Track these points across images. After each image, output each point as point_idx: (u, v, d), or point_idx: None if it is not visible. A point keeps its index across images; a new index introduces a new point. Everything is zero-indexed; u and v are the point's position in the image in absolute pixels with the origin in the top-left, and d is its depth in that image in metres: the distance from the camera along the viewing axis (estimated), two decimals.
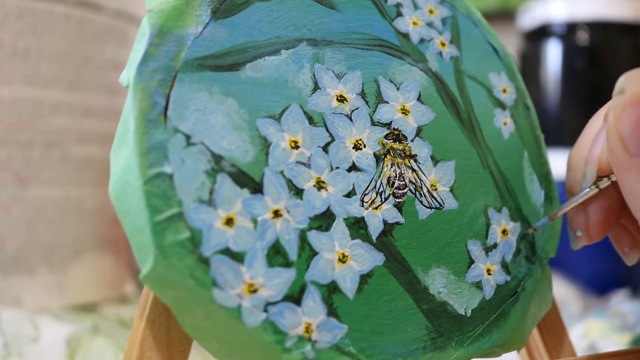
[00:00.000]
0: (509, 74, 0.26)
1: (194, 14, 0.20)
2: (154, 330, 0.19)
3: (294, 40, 0.22)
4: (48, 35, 0.43)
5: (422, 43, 0.24)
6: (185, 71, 0.19)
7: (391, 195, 0.22)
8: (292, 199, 0.20)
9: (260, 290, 0.18)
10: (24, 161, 0.43)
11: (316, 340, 0.19)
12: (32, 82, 0.43)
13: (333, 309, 0.19)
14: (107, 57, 0.47)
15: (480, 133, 0.24)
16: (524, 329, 0.23)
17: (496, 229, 0.23)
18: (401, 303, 0.20)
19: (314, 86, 0.21)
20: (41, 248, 0.44)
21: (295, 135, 0.20)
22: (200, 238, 0.18)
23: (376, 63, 0.23)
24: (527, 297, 0.23)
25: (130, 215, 0.18)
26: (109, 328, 0.41)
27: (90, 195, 0.46)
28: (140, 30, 0.19)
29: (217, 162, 0.19)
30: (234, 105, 0.20)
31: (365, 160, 0.21)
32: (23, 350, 0.37)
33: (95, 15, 0.45)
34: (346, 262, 0.20)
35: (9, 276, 0.43)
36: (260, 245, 0.19)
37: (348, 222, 0.20)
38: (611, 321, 0.47)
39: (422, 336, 0.21)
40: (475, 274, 0.22)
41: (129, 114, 0.18)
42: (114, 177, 0.19)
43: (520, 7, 0.78)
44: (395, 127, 0.23)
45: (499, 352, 0.22)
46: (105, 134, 0.47)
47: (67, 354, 0.37)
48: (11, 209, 0.43)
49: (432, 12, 0.25)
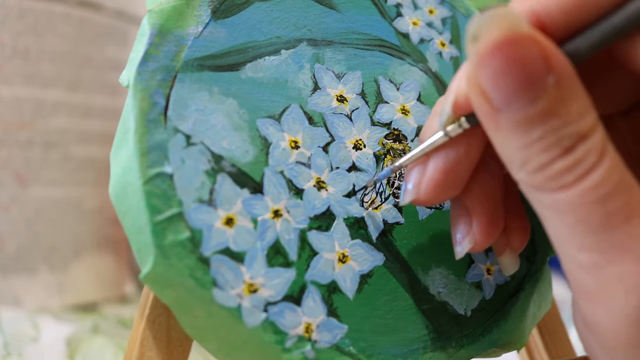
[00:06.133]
0: None
1: (194, 14, 0.20)
2: (154, 330, 0.19)
3: (294, 40, 0.22)
4: (48, 35, 0.43)
5: (422, 43, 0.24)
6: (185, 71, 0.19)
7: (391, 195, 0.22)
8: (292, 199, 0.20)
9: (261, 290, 0.18)
10: (24, 161, 0.43)
11: (316, 340, 0.19)
12: (32, 82, 0.43)
13: (333, 309, 0.19)
14: (107, 57, 0.47)
15: None
16: (524, 329, 0.23)
17: None
18: (401, 303, 0.21)
19: (314, 86, 0.21)
20: (41, 248, 0.44)
21: (295, 135, 0.20)
22: (200, 238, 0.18)
23: (376, 63, 0.23)
24: (527, 297, 0.23)
25: (130, 215, 0.18)
26: (109, 328, 0.41)
27: (90, 195, 0.46)
28: (140, 30, 0.19)
29: (217, 162, 0.19)
30: (234, 105, 0.20)
31: (365, 160, 0.21)
32: (23, 350, 0.37)
33: (95, 15, 0.45)
34: (346, 262, 0.20)
35: (9, 276, 0.43)
36: (260, 245, 0.19)
37: (348, 222, 0.20)
38: None
39: (422, 336, 0.21)
40: (475, 274, 0.22)
41: (129, 114, 0.18)
42: (114, 177, 0.19)
43: None
44: (395, 127, 0.23)
45: (499, 352, 0.22)
46: (106, 134, 0.47)
47: (67, 354, 0.37)
48: (11, 209, 0.43)
49: (432, 12, 0.25)
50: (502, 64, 0.15)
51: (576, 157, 0.15)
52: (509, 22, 0.15)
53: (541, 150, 0.15)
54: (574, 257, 0.16)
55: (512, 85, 0.15)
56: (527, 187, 0.16)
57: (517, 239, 0.20)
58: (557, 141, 0.15)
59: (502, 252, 0.21)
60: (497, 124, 0.16)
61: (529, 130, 0.15)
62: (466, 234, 0.19)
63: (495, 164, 0.20)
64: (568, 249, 0.16)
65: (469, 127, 0.18)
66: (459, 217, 0.20)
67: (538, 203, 0.16)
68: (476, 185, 0.19)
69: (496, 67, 0.15)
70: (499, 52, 0.15)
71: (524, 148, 0.15)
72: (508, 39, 0.15)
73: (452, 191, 0.19)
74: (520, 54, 0.15)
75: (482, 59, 0.15)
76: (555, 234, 0.16)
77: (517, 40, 0.15)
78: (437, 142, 0.18)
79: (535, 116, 0.15)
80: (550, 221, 0.16)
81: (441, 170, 0.18)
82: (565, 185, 0.15)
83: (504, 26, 0.15)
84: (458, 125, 0.18)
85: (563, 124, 0.15)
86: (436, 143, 0.18)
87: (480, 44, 0.15)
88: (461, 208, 0.20)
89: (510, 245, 0.20)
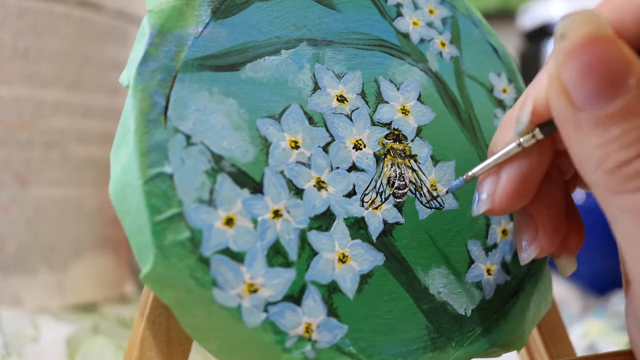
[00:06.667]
0: (509, 74, 0.26)
1: (194, 14, 0.20)
2: (154, 330, 0.19)
3: (294, 40, 0.22)
4: (48, 35, 0.43)
5: (422, 43, 0.24)
6: (185, 71, 0.19)
7: (391, 195, 0.22)
8: (292, 199, 0.20)
9: (261, 290, 0.18)
10: (24, 161, 0.43)
11: (316, 340, 0.19)
12: (32, 82, 0.43)
13: (333, 309, 0.19)
14: (107, 57, 0.47)
15: (480, 133, 0.24)
16: (524, 329, 0.23)
17: (496, 229, 0.23)
18: (401, 303, 0.20)
19: (314, 86, 0.21)
20: (41, 248, 0.44)
21: (295, 135, 0.20)
22: (200, 238, 0.18)
23: (376, 63, 0.23)
24: (527, 297, 0.23)
25: (130, 215, 0.18)
26: (109, 328, 0.41)
27: (90, 195, 0.46)
28: (141, 30, 0.19)
29: (217, 162, 0.19)
30: (234, 105, 0.20)
31: (366, 160, 0.21)
32: (23, 350, 0.37)
33: (95, 15, 0.45)
34: (346, 262, 0.20)
35: (9, 276, 0.43)
36: (261, 245, 0.19)
37: (348, 222, 0.20)
38: (611, 321, 0.47)
39: (422, 336, 0.21)
40: (475, 274, 0.22)
41: (129, 114, 0.18)
42: (114, 177, 0.19)
43: (520, 7, 0.78)
44: (395, 127, 0.23)
45: (499, 352, 0.22)
46: (105, 134, 0.47)
47: (67, 354, 0.37)
48: (11, 209, 0.43)
49: (432, 12, 0.25)
50: (588, 62, 0.16)
51: None
52: (596, 23, 0.16)
53: (620, 147, 0.15)
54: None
55: (596, 82, 0.16)
56: (603, 189, 0.16)
57: (574, 242, 0.21)
58: (636, 139, 0.15)
59: (559, 255, 0.21)
60: (577, 123, 0.16)
61: (608, 128, 0.16)
62: (532, 241, 0.20)
63: (558, 173, 0.21)
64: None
65: (542, 137, 0.18)
66: (525, 224, 0.20)
67: (613, 205, 0.16)
68: (541, 194, 0.20)
69: (582, 64, 0.16)
70: (586, 51, 0.16)
71: (603, 146, 0.16)
72: (595, 39, 0.15)
73: (524, 200, 0.19)
74: (605, 53, 0.15)
75: (569, 56, 0.16)
76: (626, 236, 0.16)
77: (603, 40, 0.16)
78: (510, 153, 0.19)
79: (616, 114, 0.15)
80: (624, 223, 0.16)
81: (515, 180, 0.19)
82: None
83: (591, 27, 0.16)
84: (532, 136, 0.18)
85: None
86: (509, 153, 0.19)
87: (568, 42, 0.16)
88: (527, 216, 0.20)
89: (567, 248, 0.21)
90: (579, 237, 0.21)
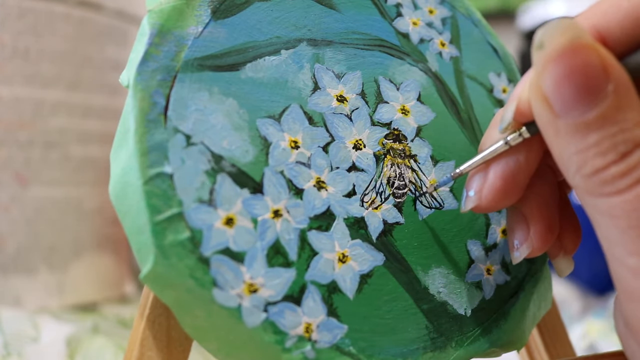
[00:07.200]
0: (509, 74, 0.26)
1: (194, 14, 0.20)
2: (154, 330, 0.19)
3: (294, 40, 0.22)
4: (48, 35, 0.43)
5: (422, 43, 0.24)
6: (185, 71, 0.19)
7: (391, 195, 0.22)
8: (292, 199, 0.20)
9: (261, 290, 0.18)
10: (24, 161, 0.43)
11: (316, 340, 0.19)
12: (32, 82, 0.43)
13: (333, 309, 0.19)
14: (107, 57, 0.47)
15: (480, 133, 0.24)
16: (524, 329, 0.23)
17: (496, 228, 0.23)
18: (401, 303, 0.21)
19: (314, 86, 0.21)
20: (41, 248, 0.44)
21: (295, 135, 0.20)
22: (200, 238, 0.18)
23: (376, 63, 0.23)
24: (527, 297, 0.23)
25: (130, 215, 0.18)
26: (109, 328, 0.41)
27: (90, 195, 0.46)
28: (140, 30, 0.19)
29: (217, 162, 0.19)
30: (234, 105, 0.20)
31: (365, 160, 0.21)
32: (23, 350, 0.37)
33: (95, 15, 0.45)
34: (346, 262, 0.20)
35: (9, 276, 0.43)
36: (260, 245, 0.19)
37: (348, 222, 0.20)
38: (611, 321, 0.47)
39: (422, 336, 0.21)
40: (475, 274, 0.22)
41: (129, 114, 0.18)
42: (114, 177, 0.19)
43: (520, 7, 0.78)
44: (395, 127, 0.23)
45: (499, 352, 0.22)
46: (105, 134, 0.47)
47: (67, 354, 0.37)
48: (11, 209, 0.43)
49: (432, 12, 0.25)
50: (565, 71, 0.16)
51: (631, 163, 0.16)
52: (573, 32, 0.16)
53: (597, 154, 0.16)
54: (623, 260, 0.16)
55: (573, 91, 0.16)
56: (582, 192, 0.17)
57: (570, 242, 0.21)
58: (613, 146, 0.16)
59: (556, 255, 0.21)
60: (556, 129, 0.16)
61: (586, 135, 0.16)
62: (524, 240, 0.20)
63: (550, 172, 0.21)
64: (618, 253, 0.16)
65: (529, 136, 0.19)
66: (517, 223, 0.21)
67: (591, 208, 0.17)
68: (533, 193, 0.20)
69: (559, 74, 0.16)
70: (563, 60, 0.16)
71: (581, 152, 0.16)
72: (572, 48, 0.16)
73: (512, 198, 0.20)
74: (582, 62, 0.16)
75: (546, 65, 0.16)
76: (606, 237, 0.17)
77: (579, 49, 0.16)
78: (497, 150, 0.19)
79: (592, 121, 0.16)
80: (602, 225, 0.17)
81: (502, 177, 0.19)
82: (620, 190, 0.16)
83: (568, 36, 0.16)
84: (519, 135, 0.19)
85: (619, 130, 0.16)
86: (497, 151, 0.19)
87: (545, 51, 0.16)
88: (518, 215, 0.21)
89: (563, 248, 0.21)
90: (575, 237, 0.21)
